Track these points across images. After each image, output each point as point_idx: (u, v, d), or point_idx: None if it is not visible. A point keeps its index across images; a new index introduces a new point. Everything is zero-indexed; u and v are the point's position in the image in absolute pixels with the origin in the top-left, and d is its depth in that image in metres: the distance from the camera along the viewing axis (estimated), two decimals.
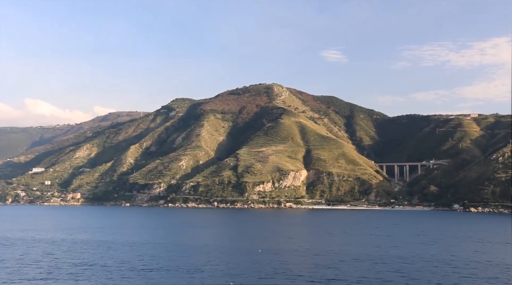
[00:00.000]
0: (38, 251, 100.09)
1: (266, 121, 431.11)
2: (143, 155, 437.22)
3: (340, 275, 72.50)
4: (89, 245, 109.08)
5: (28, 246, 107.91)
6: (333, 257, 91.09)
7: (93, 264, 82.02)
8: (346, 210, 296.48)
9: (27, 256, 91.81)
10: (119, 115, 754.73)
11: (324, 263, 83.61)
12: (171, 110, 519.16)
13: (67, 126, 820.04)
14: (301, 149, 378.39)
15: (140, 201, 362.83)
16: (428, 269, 78.61)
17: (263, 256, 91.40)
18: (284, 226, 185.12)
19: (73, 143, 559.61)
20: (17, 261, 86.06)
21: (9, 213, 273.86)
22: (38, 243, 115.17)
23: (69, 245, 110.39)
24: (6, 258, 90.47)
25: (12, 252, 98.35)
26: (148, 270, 76.98)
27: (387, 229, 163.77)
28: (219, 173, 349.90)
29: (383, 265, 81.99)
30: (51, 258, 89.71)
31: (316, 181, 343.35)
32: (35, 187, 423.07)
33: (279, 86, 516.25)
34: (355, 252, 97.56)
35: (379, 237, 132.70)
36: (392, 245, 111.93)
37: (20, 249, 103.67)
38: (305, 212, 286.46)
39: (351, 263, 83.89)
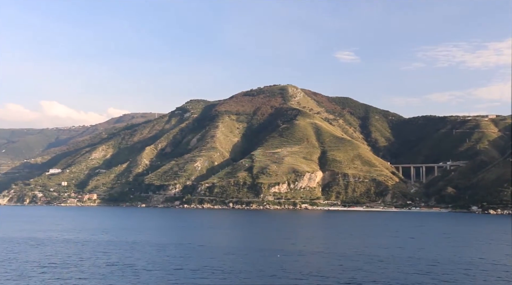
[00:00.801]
0: (65, 251, 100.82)
1: (281, 122, 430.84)
2: (158, 156, 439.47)
3: (369, 276, 71.96)
4: (114, 246, 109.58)
5: (55, 247, 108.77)
6: (358, 258, 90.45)
7: (122, 264, 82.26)
8: (362, 212, 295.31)
9: (56, 257, 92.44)
10: (134, 116, 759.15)
11: (350, 264, 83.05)
12: (185, 112, 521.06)
13: (83, 128, 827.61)
14: (316, 150, 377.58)
15: (156, 202, 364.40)
16: (458, 271, 77.74)
17: (289, 257, 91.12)
18: (302, 227, 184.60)
19: (89, 144, 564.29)
20: (47, 261, 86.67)
21: (28, 213, 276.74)
22: (64, 243, 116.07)
23: (93, 245, 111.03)
24: (35, 258, 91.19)
25: (40, 252, 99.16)
26: (180, 270, 77.07)
27: (408, 230, 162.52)
28: (234, 174, 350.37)
29: (410, 267, 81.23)
30: (78, 258, 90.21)
31: (331, 182, 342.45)
32: (52, 188, 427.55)
33: (293, 87, 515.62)
34: (380, 254, 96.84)
35: (402, 239, 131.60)
36: (417, 247, 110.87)
37: (48, 249, 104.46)
38: (321, 213, 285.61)
39: (377, 265, 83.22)
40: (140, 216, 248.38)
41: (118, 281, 68.98)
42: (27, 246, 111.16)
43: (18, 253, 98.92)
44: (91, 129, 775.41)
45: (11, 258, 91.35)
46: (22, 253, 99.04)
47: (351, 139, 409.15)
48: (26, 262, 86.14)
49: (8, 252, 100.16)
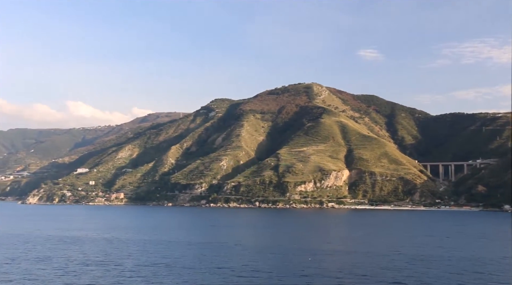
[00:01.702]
0: (104, 249, 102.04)
1: (306, 121, 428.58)
2: (183, 155, 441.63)
3: (414, 276, 70.68)
4: (150, 245, 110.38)
5: (93, 245, 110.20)
6: (398, 258, 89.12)
7: (163, 264, 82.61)
8: (390, 210, 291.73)
9: (97, 255, 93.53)
10: (158, 116, 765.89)
11: (391, 264, 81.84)
12: (210, 111, 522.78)
13: (108, 128, 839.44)
14: (343, 149, 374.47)
15: (182, 201, 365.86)
16: (504, 270, 75.86)
17: (327, 257, 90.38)
18: (333, 226, 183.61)
19: (115, 143, 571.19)
20: (91, 259, 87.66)
21: (60, 212, 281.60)
22: (101, 241, 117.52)
23: (130, 244, 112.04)
24: (77, 256, 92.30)
25: (79, 250, 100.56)
26: (222, 269, 77.01)
27: (442, 229, 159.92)
28: (260, 173, 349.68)
29: (452, 267, 79.60)
30: (118, 257, 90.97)
31: (358, 180, 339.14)
32: (80, 187, 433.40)
33: (318, 86, 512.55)
34: (419, 253, 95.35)
35: (438, 238, 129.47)
36: (455, 246, 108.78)
37: (88, 247, 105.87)
38: (348, 212, 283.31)
39: (420, 265, 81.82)
40: (168, 215, 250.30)
41: (164, 279, 69.10)
42: (66, 244, 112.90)
43: (59, 250, 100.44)
44: (117, 129, 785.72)
45: (55, 255, 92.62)
46: (64, 250, 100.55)
47: (377, 138, 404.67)
48: (70, 260, 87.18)
49: (49, 250, 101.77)
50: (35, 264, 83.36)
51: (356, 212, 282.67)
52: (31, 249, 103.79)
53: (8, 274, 73.85)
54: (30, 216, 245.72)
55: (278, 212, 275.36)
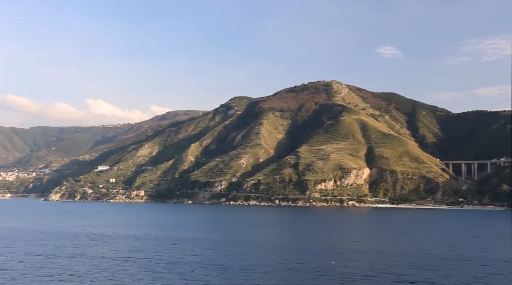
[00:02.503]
0: (133, 246, 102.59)
1: (325, 118, 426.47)
2: (203, 153, 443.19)
3: (448, 277, 69.53)
4: (177, 242, 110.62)
5: (120, 242, 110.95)
6: (428, 257, 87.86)
7: (195, 261, 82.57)
8: (411, 209, 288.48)
9: (127, 252, 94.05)
10: (177, 114, 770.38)
11: (422, 263, 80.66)
12: (229, 109, 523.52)
13: (128, 126, 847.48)
14: (363, 147, 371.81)
15: (202, 199, 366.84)
16: None
17: (356, 256, 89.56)
18: (356, 224, 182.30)
19: (135, 141, 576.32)
20: (120, 256, 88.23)
21: (82, 209, 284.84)
22: (128, 239, 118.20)
23: (154, 241, 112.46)
24: (106, 253, 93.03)
25: (108, 247, 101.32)
26: (252, 266, 76.77)
27: (468, 229, 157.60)
28: (279, 171, 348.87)
29: (489, 268, 78.11)
30: (140, 255, 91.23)
31: (379, 179, 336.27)
32: (101, 184, 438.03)
33: (338, 83, 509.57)
34: (448, 253, 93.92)
35: (464, 237, 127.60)
36: (484, 246, 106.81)
37: (115, 244, 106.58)
38: (369, 210, 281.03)
39: (452, 265, 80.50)
40: (189, 213, 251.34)
41: (199, 277, 69.10)
42: (96, 241, 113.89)
43: (88, 247, 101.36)
44: (136, 127, 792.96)
45: (88, 252, 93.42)
46: (92, 247, 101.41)
47: (398, 136, 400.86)
48: (104, 256, 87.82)
49: (81, 246, 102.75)
50: (71, 260, 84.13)
51: (377, 210, 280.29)
52: (63, 245, 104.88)
53: (45, 268, 74.62)
54: (55, 213, 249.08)
55: (299, 210, 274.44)
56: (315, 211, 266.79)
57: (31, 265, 79.31)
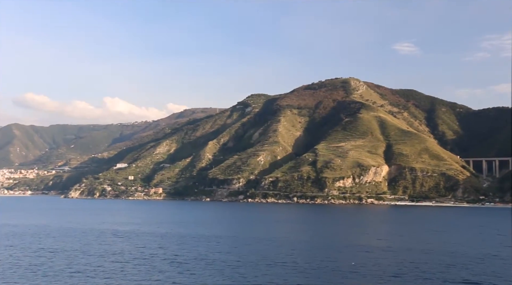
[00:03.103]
0: (157, 244, 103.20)
1: (343, 116, 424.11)
2: (220, 150, 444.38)
3: (486, 274, 68.70)
4: (199, 239, 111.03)
5: (143, 239, 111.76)
6: (458, 255, 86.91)
7: (219, 260, 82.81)
8: (432, 207, 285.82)
9: (151, 249, 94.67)
10: (194, 112, 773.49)
11: (455, 262, 79.72)
12: (247, 106, 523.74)
13: (145, 123, 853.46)
14: (381, 144, 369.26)
15: (220, 196, 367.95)
16: None
17: (385, 254, 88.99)
18: (378, 222, 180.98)
19: (152, 139, 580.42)
20: (146, 254, 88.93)
21: (103, 206, 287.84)
22: (150, 236, 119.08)
23: (177, 238, 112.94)
24: (132, 250, 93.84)
25: (130, 244, 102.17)
26: (278, 264, 76.80)
27: (492, 226, 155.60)
28: (298, 168, 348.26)
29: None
30: (164, 251, 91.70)
31: (398, 176, 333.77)
32: (119, 181, 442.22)
33: (356, 80, 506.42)
34: (476, 251, 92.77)
35: (489, 235, 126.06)
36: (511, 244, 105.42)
37: (138, 241, 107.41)
38: (389, 208, 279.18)
39: (484, 263, 79.52)
40: (209, 210, 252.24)
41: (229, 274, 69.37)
42: (116, 238, 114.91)
43: (111, 244, 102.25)
44: (153, 124, 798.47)
45: (111, 250, 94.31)
46: (116, 244, 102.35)
47: (417, 133, 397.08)
48: (132, 253, 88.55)
49: (105, 244, 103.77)
50: (100, 257, 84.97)
51: (397, 208, 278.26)
52: (92, 242, 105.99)
53: (76, 265, 75.52)
54: (77, 210, 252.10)
55: (317, 208, 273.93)
56: (334, 209, 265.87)
57: (63, 261, 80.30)
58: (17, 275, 69.17)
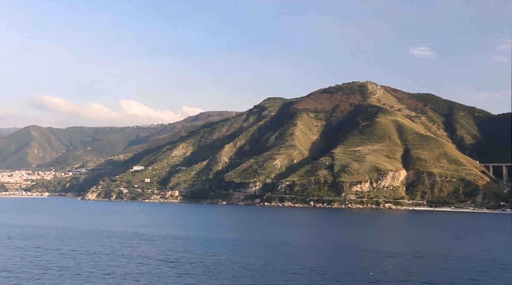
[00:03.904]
0: (178, 247, 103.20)
1: (361, 120, 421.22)
2: (237, 154, 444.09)
3: None
4: (223, 243, 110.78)
5: (165, 242, 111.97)
6: (486, 262, 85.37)
7: (243, 263, 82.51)
8: (451, 212, 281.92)
9: (174, 252, 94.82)
10: (210, 115, 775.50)
11: (484, 269, 78.36)
12: (263, 110, 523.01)
13: (161, 126, 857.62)
14: (399, 148, 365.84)
15: (236, 200, 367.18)
16: None
17: (415, 260, 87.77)
18: (401, 227, 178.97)
19: (169, 142, 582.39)
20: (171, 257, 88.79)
21: (121, 209, 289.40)
22: (171, 239, 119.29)
23: (201, 242, 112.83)
24: (155, 254, 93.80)
25: (155, 247, 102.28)
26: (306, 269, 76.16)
27: None
28: (314, 172, 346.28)
29: None
30: (192, 254, 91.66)
31: (416, 181, 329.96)
32: (136, 184, 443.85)
33: (373, 84, 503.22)
34: (507, 259, 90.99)
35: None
36: None
37: (160, 244, 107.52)
38: (407, 213, 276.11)
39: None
40: (226, 213, 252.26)
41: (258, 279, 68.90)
42: (140, 240, 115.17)
43: (134, 247, 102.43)
44: (169, 127, 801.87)
45: (137, 253, 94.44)
46: (141, 247, 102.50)
47: (435, 137, 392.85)
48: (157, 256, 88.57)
49: (124, 246, 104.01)
50: (130, 259, 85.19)
51: (415, 213, 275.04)
52: (115, 244, 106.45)
53: (104, 267, 75.69)
54: (95, 212, 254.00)
55: (335, 212, 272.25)
56: (352, 213, 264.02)
57: (90, 264, 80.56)
58: (49, 276, 69.47)
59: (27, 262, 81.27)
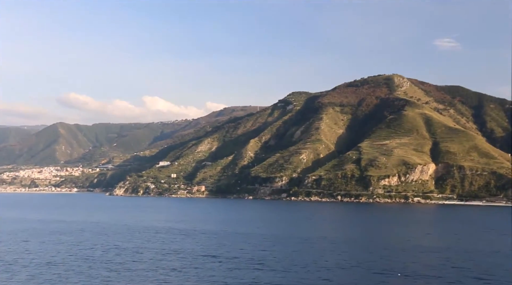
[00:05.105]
0: (213, 242, 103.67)
1: (387, 113, 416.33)
2: (262, 148, 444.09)
3: None
4: (257, 239, 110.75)
5: (200, 237, 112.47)
6: None
7: (289, 259, 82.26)
8: (482, 206, 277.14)
9: (212, 248, 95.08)
10: (234, 110, 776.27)
11: None
12: (288, 104, 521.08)
13: (185, 122, 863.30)
14: (427, 142, 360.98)
15: (263, 194, 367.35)
16: None
17: (465, 255, 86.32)
18: (436, 222, 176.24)
19: (193, 137, 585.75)
20: (211, 252, 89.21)
21: (150, 204, 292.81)
22: (207, 234, 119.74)
23: (234, 237, 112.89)
24: (197, 249, 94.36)
25: (195, 243, 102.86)
26: (341, 266, 75.69)
27: None
28: (341, 167, 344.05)
29: None
30: (226, 249, 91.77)
31: (445, 175, 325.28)
32: (162, 179, 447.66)
33: (399, 77, 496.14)
34: None
35: None
36: None
37: (197, 239, 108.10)
38: (437, 207, 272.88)
39: None
40: (254, 208, 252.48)
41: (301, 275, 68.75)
42: (175, 235, 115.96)
43: (172, 242, 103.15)
44: (193, 123, 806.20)
45: (173, 248, 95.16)
46: (177, 242, 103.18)
47: (465, 130, 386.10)
48: (197, 252, 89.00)
49: (166, 241, 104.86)
50: (167, 254, 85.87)
51: (446, 207, 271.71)
52: (150, 239, 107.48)
53: (143, 262, 76.39)
54: (125, 207, 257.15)
55: (363, 207, 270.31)
56: (381, 208, 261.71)
57: (129, 259, 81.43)
58: (94, 270, 70.49)
59: (79, 257, 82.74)
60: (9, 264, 75.83)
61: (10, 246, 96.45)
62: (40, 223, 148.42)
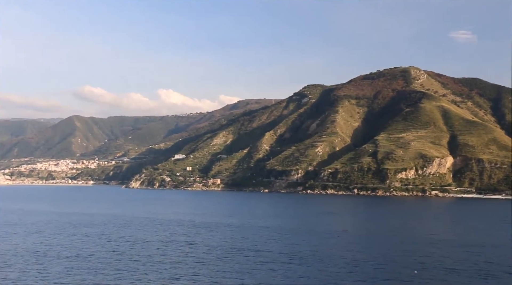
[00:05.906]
0: (236, 235, 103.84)
1: (404, 106, 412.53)
2: (277, 141, 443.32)
3: None
4: (278, 232, 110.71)
5: (222, 230, 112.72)
6: None
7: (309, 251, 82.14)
8: (502, 200, 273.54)
9: (237, 241, 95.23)
10: (248, 103, 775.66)
11: None
12: (303, 97, 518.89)
13: (200, 115, 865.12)
14: (445, 134, 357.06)
15: (278, 187, 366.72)
16: None
17: (498, 250, 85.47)
18: (460, 216, 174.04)
19: (208, 130, 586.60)
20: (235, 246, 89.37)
21: (167, 197, 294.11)
22: (229, 227, 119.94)
23: (256, 230, 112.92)
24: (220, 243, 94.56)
25: (213, 236, 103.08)
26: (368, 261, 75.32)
27: None
28: (357, 160, 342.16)
29: None
30: (251, 244, 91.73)
31: (463, 168, 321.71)
32: (178, 172, 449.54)
33: (416, 69, 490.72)
34: None
35: None
36: None
37: (221, 233, 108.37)
38: (456, 200, 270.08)
39: None
40: (271, 201, 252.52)
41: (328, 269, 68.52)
42: (197, 228, 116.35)
43: (194, 235, 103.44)
44: (208, 116, 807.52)
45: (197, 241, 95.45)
46: (200, 235, 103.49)
47: (483, 123, 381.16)
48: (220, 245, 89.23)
49: (189, 234, 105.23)
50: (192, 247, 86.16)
51: (464, 200, 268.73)
52: (173, 232, 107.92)
53: (168, 255, 76.69)
54: (143, 200, 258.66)
55: (381, 200, 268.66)
56: (398, 201, 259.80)
57: (156, 252, 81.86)
58: (122, 263, 70.99)
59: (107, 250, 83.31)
60: (40, 256, 76.71)
61: (37, 238, 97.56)
62: (62, 216, 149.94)
